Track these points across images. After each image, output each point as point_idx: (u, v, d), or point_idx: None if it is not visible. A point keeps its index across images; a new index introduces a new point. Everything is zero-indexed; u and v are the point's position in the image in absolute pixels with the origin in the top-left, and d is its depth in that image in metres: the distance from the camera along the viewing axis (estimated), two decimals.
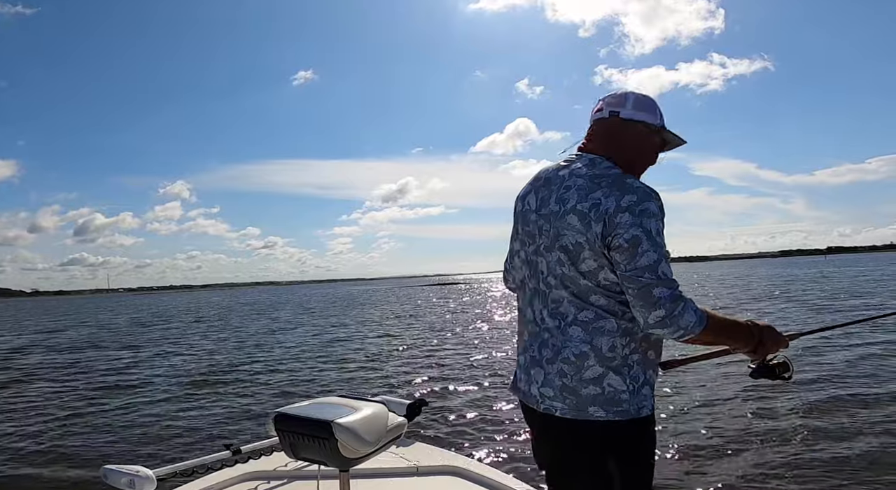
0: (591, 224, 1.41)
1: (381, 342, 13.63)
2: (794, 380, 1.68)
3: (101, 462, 2.59)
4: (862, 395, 6.22)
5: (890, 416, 5.42)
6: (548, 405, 1.48)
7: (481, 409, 6.52)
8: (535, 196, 1.59)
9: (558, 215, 1.49)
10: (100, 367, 11.67)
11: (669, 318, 1.36)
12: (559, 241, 1.48)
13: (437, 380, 8.46)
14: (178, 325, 24.84)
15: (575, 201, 1.45)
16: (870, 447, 4.59)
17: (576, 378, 1.44)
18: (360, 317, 22.98)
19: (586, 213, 1.42)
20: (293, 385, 8.69)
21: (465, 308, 25.30)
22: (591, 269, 1.44)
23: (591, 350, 1.44)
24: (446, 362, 9.99)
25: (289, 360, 11.45)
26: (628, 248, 1.37)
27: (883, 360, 7.98)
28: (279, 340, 15.27)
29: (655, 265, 1.37)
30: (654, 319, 1.37)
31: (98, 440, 6.02)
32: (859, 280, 30.14)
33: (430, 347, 12.21)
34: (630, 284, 1.38)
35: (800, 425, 5.24)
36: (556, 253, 1.49)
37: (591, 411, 1.42)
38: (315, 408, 2.03)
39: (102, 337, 19.58)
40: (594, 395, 1.42)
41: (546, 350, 1.51)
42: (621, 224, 1.37)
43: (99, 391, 8.91)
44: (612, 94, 1.61)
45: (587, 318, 1.45)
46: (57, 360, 13.27)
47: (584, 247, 1.43)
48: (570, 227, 1.45)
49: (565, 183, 1.51)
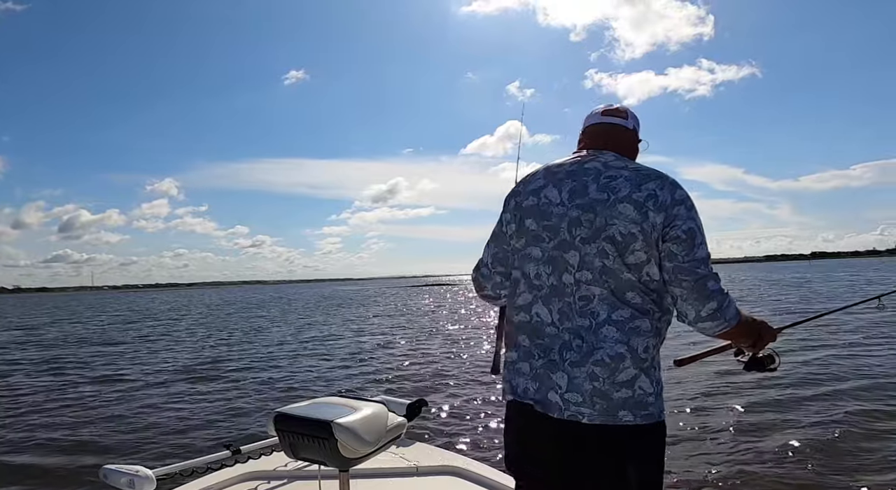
0: (648, 214, 1.38)
1: (380, 342, 13.63)
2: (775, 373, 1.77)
3: (100, 462, 2.59)
4: (823, 389, 6.56)
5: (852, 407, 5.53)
6: (573, 411, 1.39)
7: (481, 409, 6.52)
8: (558, 188, 1.51)
9: (607, 204, 1.42)
10: (97, 365, 11.67)
11: (720, 311, 1.41)
12: (606, 231, 1.41)
13: (437, 380, 8.46)
14: (167, 322, 24.85)
15: (628, 190, 1.41)
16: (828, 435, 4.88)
17: (609, 381, 1.37)
18: (355, 316, 23.00)
19: (643, 202, 1.39)
20: (293, 385, 8.68)
21: (460, 308, 25.31)
22: (638, 262, 1.40)
23: (627, 351, 1.38)
24: (445, 362, 10.00)
25: (288, 359, 11.44)
26: (686, 240, 1.39)
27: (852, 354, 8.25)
28: (277, 340, 15.26)
29: (707, 259, 1.42)
30: (707, 312, 1.41)
31: (97, 440, 6.02)
32: (833, 284, 30.73)
33: (430, 347, 12.21)
34: (686, 276, 1.40)
35: (776, 418, 5.33)
36: (599, 244, 1.42)
37: (621, 415, 1.37)
38: (315, 408, 2.03)
39: (90, 334, 19.57)
40: (625, 399, 1.37)
41: (570, 353, 1.42)
42: (679, 216, 1.39)
43: (97, 391, 8.91)
44: (628, 108, 1.64)
45: (622, 318, 1.40)
46: (46, 358, 13.27)
47: (636, 237, 1.39)
48: (621, 217, 1.40)
49: (605, 173, 1.47)
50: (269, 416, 2.04)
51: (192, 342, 15.86)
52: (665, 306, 1.47)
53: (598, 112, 1.65)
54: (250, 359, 11.72)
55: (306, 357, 11.64)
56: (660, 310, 1.45)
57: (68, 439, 6.05)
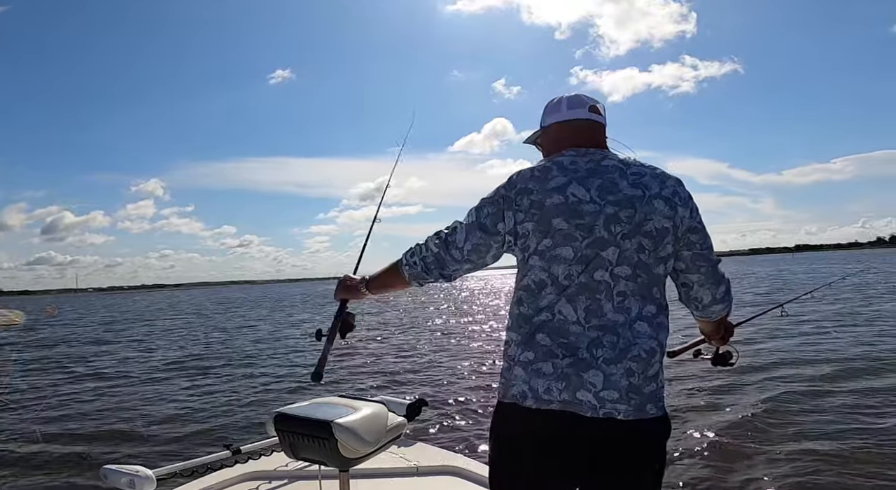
0: (677, 208, 1.48)
1: (378, 341, 13.62)
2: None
3: (100, 462, 2.59)
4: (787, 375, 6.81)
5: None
6: (609, 409, 1.37)
7: (482, 409, 6.52)
8: (584, 186, 1.47)
9: (644, 200, 1.46)
10: (95, 366, 11.67)
11: (728, 293, 1.60)
12: (644, 226, 1.44)
13: (437, 380, 8.46)
14: (159, 323, 24.85)
15: (658, 188, 1.49)
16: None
17: (643, 376, 1.40)
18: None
19: (670, 198, 1.48)
20: (292, 385, 8.69)
21: (454, 306, 25.27)
22: (666, 256, 1.48)
23: (658, 346, 1.44)
24: (445, 362, 9.99)
25: (286, 359, 11.44)
26: (702, 230, 1.53)
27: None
28: (274, 339, 15.26)
29: (713, 247, 1.56)
30: (720, 294, 1.58)
31: (97, 440, 6.02)
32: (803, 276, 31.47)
33: (429, 347, 12.21)
34: (703, 262, 1.54)
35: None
36: (637, 238, 1.44)
37: (649, 409, 1.41)
38: (315, 408, 2.04)
39: (83, 335, 19.57)
40: (651, 393, 1.42)
41: (602, 350, 1.39)
42: (694, 209, 1.53)
43: (94, 390, 8.91)
44: (598, 102, 1.63)
45: (651, 313, 1.45)
46: (38, 357, 13.28)
47: (668, 231, 1.47)
48: (657, 212, 1.46)
49: (630, 170, 1.50)
50: (269, 416, 2.04)
51: (189, 342, 15.86)
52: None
53: (579, 107, 1.59)
54: (248, 359, 11.72)
55: (304, 357, 11.63)
56: (667, 306, 1.53)
57: (68, 439, 6.06)
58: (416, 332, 15.77)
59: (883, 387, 6.56)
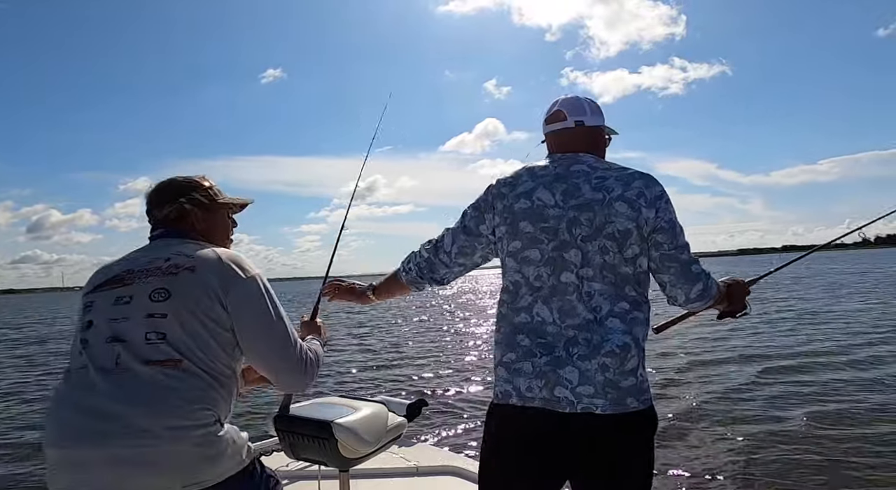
0: (641, 210, 1.49)
1: (377, 341, 13.63)
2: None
3: None
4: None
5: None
6: (586, 404, 1.43)
7: (482, 409, 6.52)
8: (550, 191, 1.55)
9: (604, 203, 1.50)
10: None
11: (705, 290, 1.58)
12: (606, 228, 1.49)
13: (437, 379, 8.46)
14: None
15: (621, 190, 1.51)
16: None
17: (618, 371, 1.45)
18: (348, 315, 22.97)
19: (635, 199, 1.50)
20: None
21: (449, 306, 25.28)
22: (633, 255, 1.50)
23: (632, 341, 1.47)
24: (444, 362, 10.00)
25: None
26: (669, 230, 1.52)
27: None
28: None
29: (688, 246, 1.55)
30: (695, 293, 1.57)
31: None
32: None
33: (428, 347, 12.21)
34: (673, 262, 1.53)
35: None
36: (600, 241, 1.49)
37: (629, 402, 1.45)
38: (315, 408, 2.04)
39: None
40: (630, 386, 1.46)
41: (577, 347, 1.46)
42: (661, 209, 1.52)
43: None
44: (569, 102, 1.68)
45: (623, 309, 1.49)
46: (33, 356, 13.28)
47: (631, 232, 1.49)
48: (618, 214, 1.49)
49: (595, 174, 1.55)
50: (269, 416, 2.04)
51: None
52: (649, 297, 1.58)
53: (558, 121, 1.67)
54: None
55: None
56: (647, 301, 1.56)
57: None
58: (416, 331, 15.77)
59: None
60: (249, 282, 1.46)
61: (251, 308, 1.45)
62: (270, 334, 1.47)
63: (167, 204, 1.60)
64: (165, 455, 1.29)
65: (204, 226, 1.62)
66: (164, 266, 1.46)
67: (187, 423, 1.32)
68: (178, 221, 1.60)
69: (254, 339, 1.46)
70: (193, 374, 1.36)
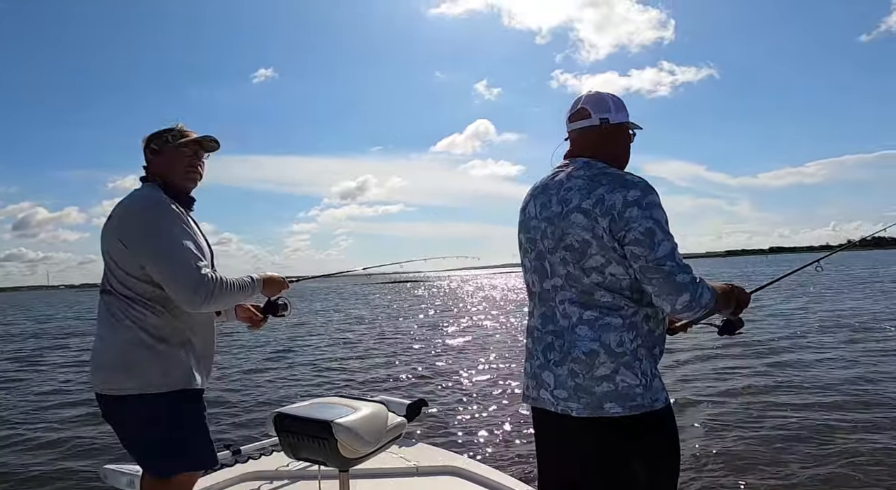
0: (597, 219, 1.46)
1: (376, 341, 13.62)
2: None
3: (100, 462, 2.59)
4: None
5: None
6: (564, 407, 1.50)
7: (481, 409, 6.52)
8: (535, 203, 1.64)
9: (562, 216, 1.53)
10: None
11: (694, 301, 1.46)
12: (564, 240, 1.52)
13: (437, 379, 8.45)
14: None
15: (578, 200, 1.50)
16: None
17: (588, 377, 1.46)
18: (345, 314, 22.96)
19: (590, 209, 1.47)
20: (292, 385, 8.69)
21: (445, 306, 25.29)
22: (597, 265, 1.48)
23: (600, 347, 1.46)
24: (445, 361, 9.99)
25: (285, 359, 11.44)
26: (645, 240, 1.43)
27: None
28: (268, 338, 15.26)
29: (673, 253, 1.45)
30: (681, 305, 1.45)
31: (96, 439, 6.02)
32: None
33: (427, 346, 12.20)
34: (653, 274, 1.44)
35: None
36: (560, 253, 1.54)
37: (608, 408, 1.45)
38: (315, 408, 2.04)
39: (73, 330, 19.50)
40: (608, 392, 1.45)
41: (552, 353, 1.54)
42: (633, 218, 1.44)
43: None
44: (592, 99, 1.66)
45: (592, 317, 1.49)
46: (30, 354, 13.28)
47: (590, 243, 1.48)
48: (574, 226, 1.49)
49: (565, 185, 1.56)
50: (269, 416, 2.04)
51: None
52: (644, 300, 1.51)
53: (570, 114, 1.69)
54: (246, 358, 11.71)
55: (302, 356, 11.64)
56: (635, 304, 1.50)
57: (67, 439, 6.05)
58: (416, 331, 15.77)
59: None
60: (142, 220, 1.83)
61: (146, 243, 1.81)
62: (164, 259, 1.80)
63: (144, 151, 2.01)
64: (102, 360, 1.87)
65: (161, 165, 1.97)
66: (109, 216, 1.93)
67: (111, 335, 1.85)
68: (148, 166, 2.00)
69: (153, 265, 1.81)
70: (117, 298, 1.85)
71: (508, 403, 6.56)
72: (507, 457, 4.83)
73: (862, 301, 16.95)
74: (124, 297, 1.84)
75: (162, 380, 1.81)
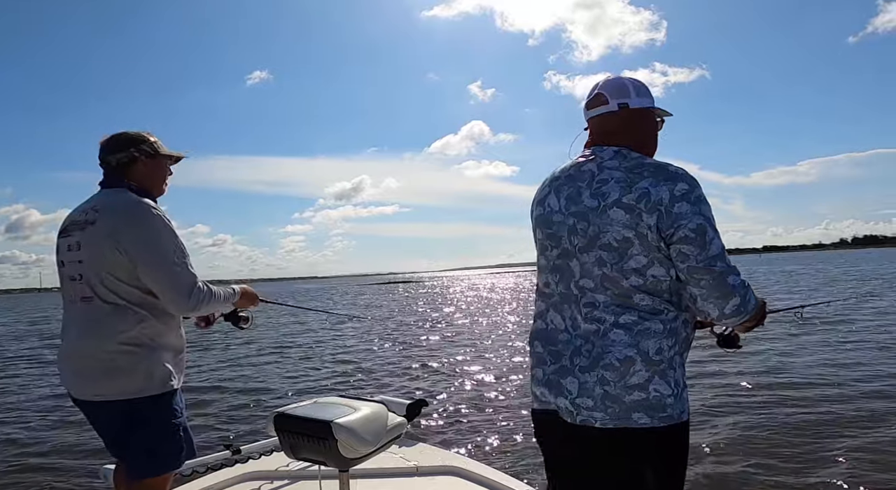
0: (641, 216, 1.33)
1: (376, 341, 13.62)
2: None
3: (100, 462, 2.59)
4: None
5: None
6: (585, 416, 1.37)
7: (481, 409, 6.52)
8: (557, 196, 1.49)
9: (598, 211, 1.38)
10: None
11: (744, 305, 1.37)
12: (600, 238, 1.38)
13: (437, 379, 8.45)
14: None
15: (618, 194, 1.36)
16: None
17: (619, 385, 1.34)
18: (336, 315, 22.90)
19: (634, 204, 1.34)
20: (291, 385, 8.68)
21: (442, 306, 25.29)
22: (639, 267, 1.36)
23: (637, 354, 1.34)
24: (445, 362, 9.99)
25: (285, 359, 11.44)
26: (696, 239, 1.32)
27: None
28: (271, 340, 15.26)
29: (723, 253, 1.35)
30: (731, 309, 1.36)
31: (96, 439, 6.02)
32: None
33: (427, 346, 12.20)
34: (704, 275, 1.34)
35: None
36: (595, 252, 1.39)
37: (636, 418, 1.34)
38: (315, 408, 2.04)
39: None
40: (638, 401, 1.34)
41: (580, 358, 1.39)
42: (682, 214, 1.32)
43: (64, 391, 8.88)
44: (610, 84, 1.52)
45: (630, 321, 1.36)
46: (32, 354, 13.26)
47: (632, 242, 1.35)
48: (614, 223, 1.36)
49: (598, 176, 1.41)
50: (269, 416, 2.04)
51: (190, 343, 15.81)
52: (683, 304, 1.42)
53: (588, 101, 1.55)
54: (249, 359, 11.71)
55: (302, 356, 11.64)
56: (675, 309, 1.40)
57: (67, 438, 6.05)
58: (415, 331, 15.77)
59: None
60: (140, 225, 1.83)
61: (142, 247, 1.82)
62: (166, 266, 1.83)
63: (120, 152, 1.95)
64: (83, 367, 1.88)
65: (147, 172, 1.99)
66: (82, 221, 1.90)
67: (94, 342, 1.84)
68: (126, 167, 1.96)
69: (146, 271, 1.82)
70: (100, 305, 1.83)
71: (509, 403, 6.55)
72: (507, 457, 4.83)
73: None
74: (110, 304, 1.83)
75: (145, 383, 1.85)
